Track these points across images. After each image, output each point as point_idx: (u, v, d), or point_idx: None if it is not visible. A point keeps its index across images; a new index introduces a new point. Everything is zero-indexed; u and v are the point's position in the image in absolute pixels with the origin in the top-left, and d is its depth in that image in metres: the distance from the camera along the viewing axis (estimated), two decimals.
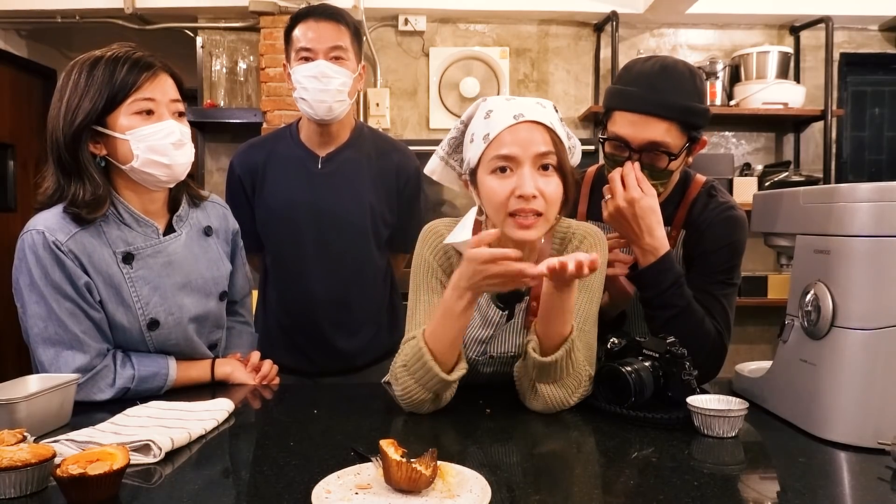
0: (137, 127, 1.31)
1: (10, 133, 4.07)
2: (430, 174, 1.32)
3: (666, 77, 1.36)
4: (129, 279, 1.33)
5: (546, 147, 1.17)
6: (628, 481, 0.91)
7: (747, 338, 3.60)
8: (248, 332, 1.69)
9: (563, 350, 1.16)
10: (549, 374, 1.18)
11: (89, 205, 1.30)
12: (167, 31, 3.64)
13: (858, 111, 3.85)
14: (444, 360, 1.16)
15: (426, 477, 0.85)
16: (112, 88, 1.30)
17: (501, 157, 1.17)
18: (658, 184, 1.38)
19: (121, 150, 1.32)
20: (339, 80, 1.76)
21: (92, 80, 1.30)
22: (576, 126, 3.70)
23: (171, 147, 1.33)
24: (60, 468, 0.85)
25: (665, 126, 1.34)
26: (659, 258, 1.35)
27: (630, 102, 1.36)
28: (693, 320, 1.35)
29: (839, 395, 1.06)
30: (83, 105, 1.30)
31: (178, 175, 1.38)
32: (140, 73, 1.32)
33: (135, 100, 1.31)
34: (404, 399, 1.19)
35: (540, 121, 1.17)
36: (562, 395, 1.20)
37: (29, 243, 1.28)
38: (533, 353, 1.18)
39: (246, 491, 0.93)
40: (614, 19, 3.44)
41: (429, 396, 1.18)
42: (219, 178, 3.53)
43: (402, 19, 3.56)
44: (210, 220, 1.53)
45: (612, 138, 1.39)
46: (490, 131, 1.18)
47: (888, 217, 1.03)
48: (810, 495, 0.88)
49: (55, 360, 1.28)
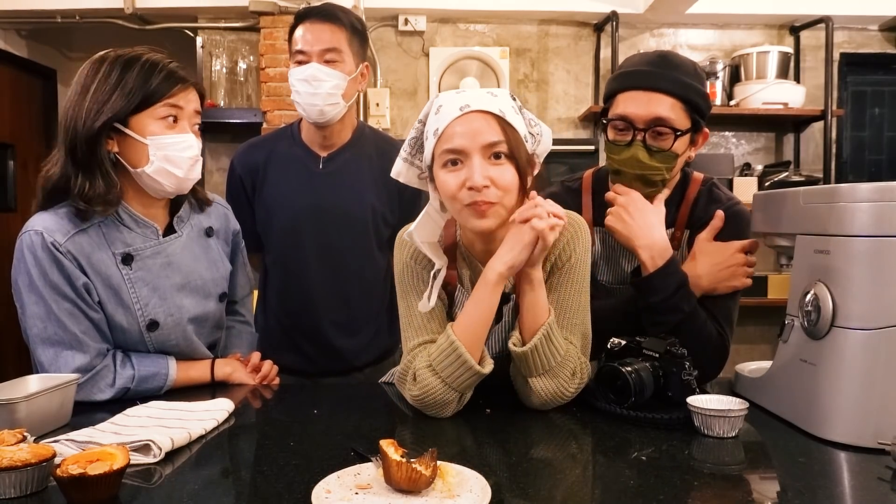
0: (160, 134, 1.32)
1: (10, 133, 4.07)
2: (396, 176, 1.30)
3: (667, 61, 1.38)
4: (129, 280, 1.33)
5: (495, 136, 1.14)
6: (628, 481, 0.91)
7: (747, 338, 3.60)
8: (248, 332, 1.69)
9: (538, 336, 1.17)
10: (535, 365, 1.18)
11: (100, 200, 1.29)
12: (167, 31, 3.64)
13: (858, 111, 3.85)
14: (475, 353, 1.17)
15: (426, 477, 0.85)
16: (146, 92, 1.30)
17: (450, 150, 1.16)
18: (664, 167, 1.37)
19: (136, 152, 1.32)
20: (331, 83, 1.75)
21: (126, 79, 1.30)
22: (576, 126, 3.70)
23: (187, 161, 1.35)
24: (60, 468, 0.85)
25: (670, 102, 1.34)
26: (665, 262, 1.34)
27: (634, 80, 1.37)
28: (698, 323, 1.34)
29: (839, 395, 1.06)
30: (113, 102, 1.29)
31: (183, 189, 1.39)
32: (175, 83, 1.33)
33: (165, 104, 1.32)
34: (427, 401, 1.18)
35: (487, 109, 1.15)
36: (554, 387, 1.20)
37: (27, 244, 1.28)
38: (513, 346, 1.19)
39: (246, 491, 0.93)
40: (614, 19, 3.44)
41: (454, 396, 1.18)
42: (219, 178, 3.53)
43: (402, 19, 3.56)
44: (211, 220, 1.52)
45: (617, 119, 1.38)
46: (439, 126, 1.17)
47: (888, 217, 1.02)
48: (810, 495, 0.88)
49: (55, 361, 1.28)
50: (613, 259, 1.49)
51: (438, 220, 1.27)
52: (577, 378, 1.22)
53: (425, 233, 1.24)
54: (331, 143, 1.87)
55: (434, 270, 1.24)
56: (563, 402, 1.21)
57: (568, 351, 1.21)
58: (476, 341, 1.18)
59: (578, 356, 1.23)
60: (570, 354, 1.21)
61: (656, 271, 1.34)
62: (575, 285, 1.26)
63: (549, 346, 1.18)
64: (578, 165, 3.49)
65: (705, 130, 1.42)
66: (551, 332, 1.18)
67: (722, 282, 1.38)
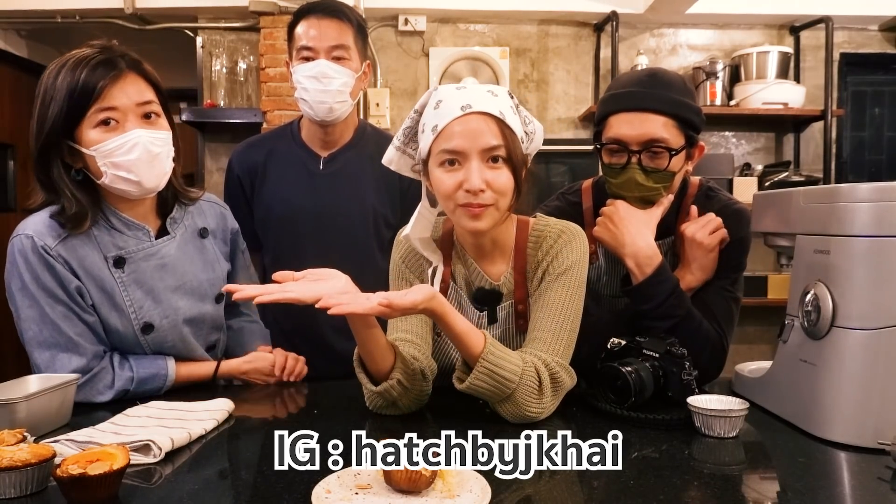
0: (100, 142, 1.24)
1: (10, 133, 4.08)
2: (387, 164, 1.29)
3: (657, 79, 1.37)
4: (122, 283, 1.31)
5: (495, 140, 1.14)
6: (628, 481, 0.91)
7: (747, 338, 3.60)
8: (259, 329, 1.66)
9: (476, 372, 1.11)
10: (487, 395, 1.13)
11: (71, 220, 1.26)
12: (167, 31, 3.64)
13: (858, 111, 3.85)
14: (373, 368, 1.19)
15: (426, 477, 0.85)
16: (72, 98, 1.22)
17: (449, 150, 1.15)
18: (661, 187, 1.38)
19: (91, 165, 1.27)
20: (341, 80, 1.74)
21: (57, 89, 1.23)
22: (576, 126, 3.70)
23: (136, 163, 1.25)
24: (60, 468, 0.85)
25: (662, 121, 1.34)
26: (654, 270, 1.34)
27: (625, 102, 1.37)
28: (692, 326, 1.34)
29: (839, 395, 1.06)
30: (49, 116, 1.23)
31: (148, 190, 1.31)
32: (101, 76, 1.22)
33: (96, 110, 1.23)
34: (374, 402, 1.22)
35: (488, 112, 1.14)
36: (514, 410, 1.13)
37: (18, 247, 1.27)
38: (456, 383, 1.15)
39: (246, 491, 0.93)
40: (614, 19, 3.44)
41: (381, 402, 1.20)
42: (219, 179, 3.53)
43: (402, 19, 3.56)
44: (206, 220, 1.49)
45: (610, 142, 1.38)
46: (438, 122, 1.15)
47: (888, 217, 1.02)
48: (810, 495, 0.88)
49: (51, 363, 1.28)
50: (617, 272, 1.48)
51: (429, 216, 1.28)
52: (546, 392, 1.14)
53: (418, 230, 1.26)
54: (333, 142, 1.86)
55: (431, 269, 1.24)
56: (536, 419, 1.14)
57: (524, 372, 1.12)
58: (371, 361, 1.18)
59: (543, 368, 1.15)
60: (527, 375, 1.12)
61: (646, 280, 1.34)
62: (566, 292, 1.22)
63: (492, 377, 1.11)
64: (578, 165, 3.49)
65: (701, 144, 1.43)
66: (491, 364, 1.10)
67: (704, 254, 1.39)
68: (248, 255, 1.64)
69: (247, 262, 1.63)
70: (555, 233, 1.26)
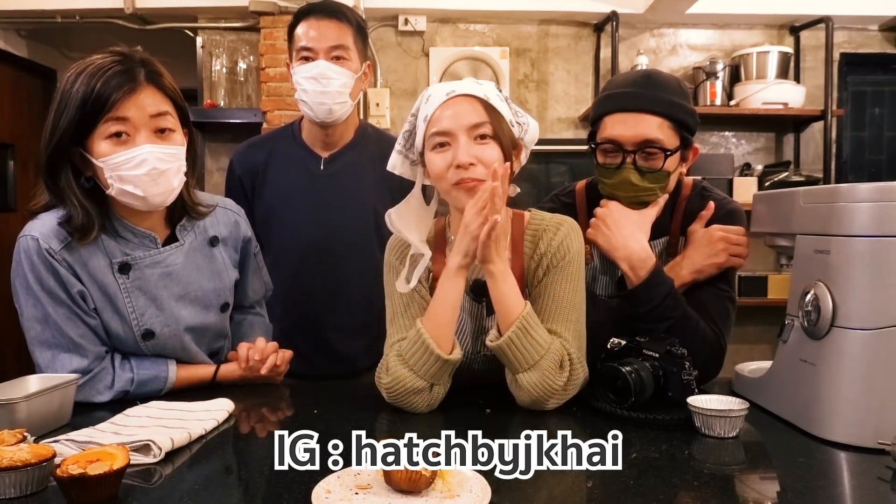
0: (109, 154, 1.22)
1: (10, 133, 4.08)
2: (392, 170, 1.35)
3: (652, 80, 1.38)
4: (125, 289, 1.31)
5: (479, 118, 1.20)
6: (628, 481, 0.91)
7: (747, 338, 3.60)
8: (262, 322, 1.64)
9: (513, 329, 1.16)
10: (516, 359, 1.18)
11: (78, 231, 1.26)
12: (167, 31, 3.64)
13: (858, 111, 3.85)
14: (442, 342, 1.18)
15: (426, 477, 0.85)
16: (85, 107, 1.20)
17: (438, 132, 1.21)
18: (656, 187, 1.38)
19: (100, 174, 1.25)
20: (340, 81, 1.74)
21: (72, 95, 1.21)
22: (576, 126, 3.70)
23: (142, 178, 1.24)
24: (60, 468, 0.85)
25: (657, 122, 1.34)
26: (648, 274, 1.33)
27: (620, 102, 1.37)
28: (689, 327, 1.34)
29: (839, 395, 1.06)
30: (62, 123, 1.22)
31: (154, 206, 1.29)
32: (116, 87, 1.21)
33: (108, 120, 1.21)
34: (397, 389, 1.19)
35: (472, 94, 1.21)
36: (538, 379, 1.17)
37: (24, 248, 1.27)
38: (489, 342, 1.20)
39: (246, 491, 0.93)
40: (614, 19, 3.44)
41: (423, 385, 1.19)
42: (219, 179, 3.53)
43: (402, 19, 3.56)
44: (218, 228, 1.46)
45: (605, 142, 1.38)
46: (427, 112, 1.23)
47: (888, 217, 1.02)
48: (810, 495, 0.88)
49: (52, 363, 1.28)
50: (611, 273, 1.48)
51: (418, 207, 1.31)
52: (566, 372, 1.19)
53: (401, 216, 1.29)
54: (333, 142, 1.86)
55: (412, 252, 1.27)
56: (554, 397, 1.19)
57: (552, 344, 1.19)
58: (442, 329, 1.19)
59: (566, 350, 1.21)
60: (555, 348, 1.19)
61: (640, 283, 1.34)
62: (570, 284, 1.26)
63: (526, 338, 1.17)
64: (578, 165, 3.49)
65: (695, 146, 1.43)
66: (528, 325, 1.17)
67: (708, 258, 1.38)
68: (261, 258, 1.61)
69: (259, 265, 1.60)
70: (554, 225, 1.30)
